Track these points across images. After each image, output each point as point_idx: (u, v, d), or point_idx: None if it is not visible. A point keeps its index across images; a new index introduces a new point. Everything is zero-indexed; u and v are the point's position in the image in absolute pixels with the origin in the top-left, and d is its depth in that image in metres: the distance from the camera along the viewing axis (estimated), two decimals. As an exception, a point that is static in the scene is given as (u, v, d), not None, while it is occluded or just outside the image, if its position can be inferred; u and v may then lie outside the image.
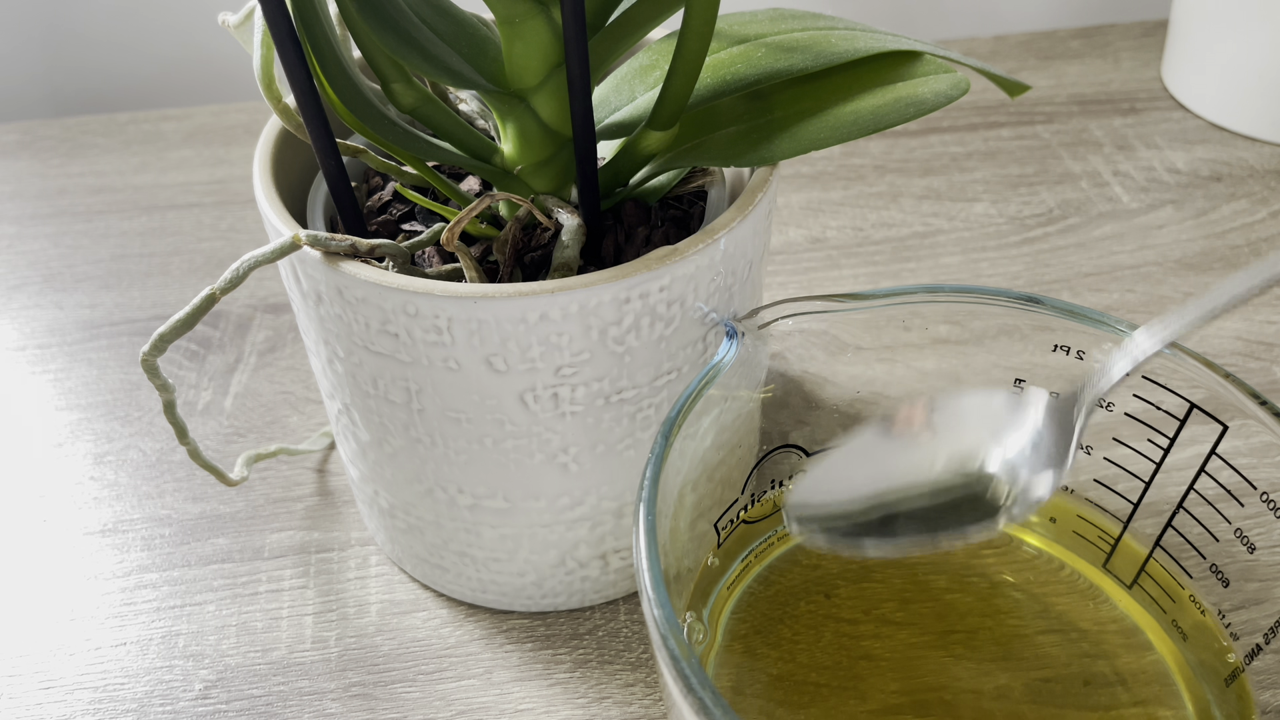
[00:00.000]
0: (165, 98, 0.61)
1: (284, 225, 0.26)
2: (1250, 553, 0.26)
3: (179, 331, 0.26)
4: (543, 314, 0.25)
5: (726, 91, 0.28)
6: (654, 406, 0.28)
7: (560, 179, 0.29)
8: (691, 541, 0.27)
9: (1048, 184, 0.50)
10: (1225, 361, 0.40)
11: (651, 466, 0.23)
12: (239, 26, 0.28)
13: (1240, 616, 0.26)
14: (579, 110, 0.25)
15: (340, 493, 0.37)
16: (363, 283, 0.25)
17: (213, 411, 0.40)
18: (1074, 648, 0.27)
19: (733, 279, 0.27)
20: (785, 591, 0.29)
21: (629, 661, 0.31)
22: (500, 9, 0.25)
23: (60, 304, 0.45)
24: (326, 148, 0.26)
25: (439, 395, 0.27)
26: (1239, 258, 0.45)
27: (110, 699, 0.31)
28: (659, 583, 0.21)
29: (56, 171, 0.53)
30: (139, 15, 0.59)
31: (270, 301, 0.44)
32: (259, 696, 0.31)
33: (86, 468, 0.38)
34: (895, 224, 0.48)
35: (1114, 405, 0.27)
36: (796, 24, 0.30)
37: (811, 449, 0.30)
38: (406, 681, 0.31)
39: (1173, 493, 0.27)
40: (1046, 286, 0.44)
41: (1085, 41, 0.60)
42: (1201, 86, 0.53)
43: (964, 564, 0.29)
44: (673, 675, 0.20)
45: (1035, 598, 0.29)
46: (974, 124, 0.54)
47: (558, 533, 0.30)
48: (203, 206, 0.50)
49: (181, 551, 0.35)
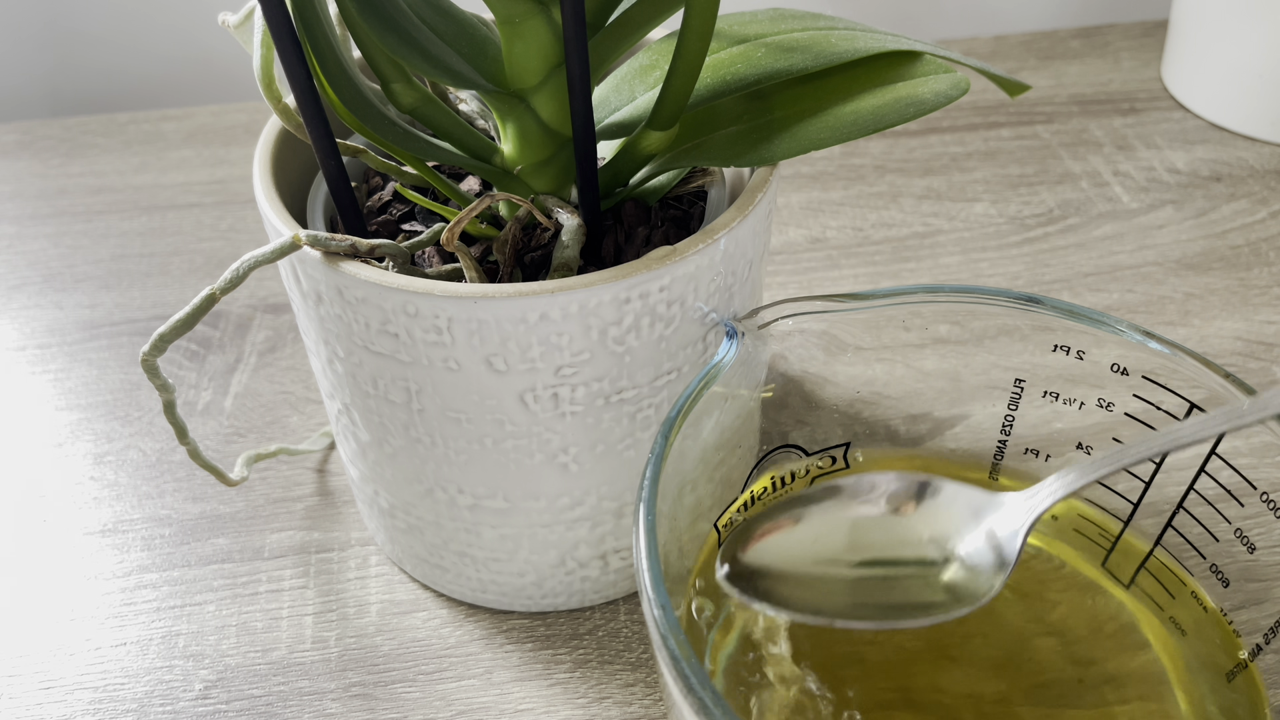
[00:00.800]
0: (165, 98, 0.61)
1: (284, 225, 0.26)
2: (1250, 553, 0.26)
3: (179, 331, 0.26)
4: (543, 314, 0.25)
5: (726, 91, 0.28)
6: (654, 406, 0.28)
7: (560, 179, 0.29)
8: (691, 541, 0.27)
9: (1048, 184, 0.50)
10: (1225, 361, 0.40)
11: (651, 466, 0.23)
12: (239, 26, 0.28)
13: (1240, 616, 0.26)
14: (579, 110, 0.25)
15: (340, 493, 0.37)
16: (363, 283, 0.25)
17: (213, 411, 0.40)
18: (1073, 647, 0.27)
19: (733, 279, 0.27)
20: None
21: (629, 661, 0.31)
22: (500, 9, 0.25)
23: (60, 304, 0.45)
24: (326, 148, 0.26)
25: (439, 395, 0.27)
26: (1239, 258, 0.45)
27: (110, 699, 0.31)
28: (659, 583, 0.21)
29: (56, 171, 0.53)
30: (139, 15, 0.59)
31: (270, 301, 0.44)
32: (259, 696, 0.31)
33: (86, 468, 0.38)
34: (895, 224, 0.48)
35: (1114, 405, 0.27)
36: (796, 24, 0.30)
37: (811, 449, 0.30)
38: (406, 681, 0.31)
39: (1173, 493, 0.27)
40: (1046, 286, 0.44)
41: (1085, 41, 0.60)
42: (1201, 86, 0.53)
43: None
44: (673, 675, 0.20)
45: (1034, 596, 0.29)
46: (974, 124, 0.54)
47: (558, 533, 0.30)
48: (203, 206, 0.50)
49: (181, 551, 0.35)
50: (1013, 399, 0.29)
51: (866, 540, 0.25)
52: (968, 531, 0.24)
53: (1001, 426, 0.30)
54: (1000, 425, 0.30)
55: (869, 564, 0.25)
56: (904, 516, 0.25)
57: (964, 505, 0.25)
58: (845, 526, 0.25)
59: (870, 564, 0.25)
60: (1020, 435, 0.29)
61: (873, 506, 0.25)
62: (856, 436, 0.30)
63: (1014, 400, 0.29)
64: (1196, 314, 0.43)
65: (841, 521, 0.25)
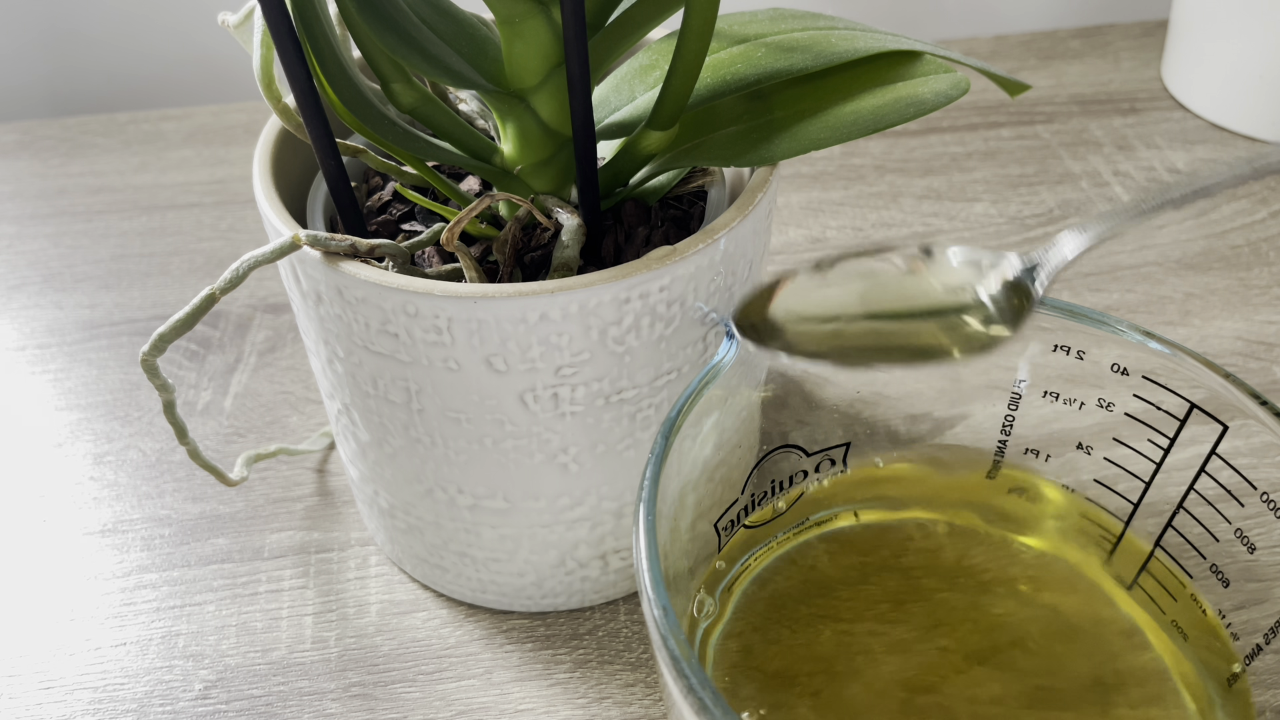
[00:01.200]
0: (165, 98, 0.61)
1: (284, 225, 0.26)
2: (1250, 553, 0.26)
3: (179, 331, 0.26)
4: (543, 314, 0.25)
5: (726, 91, 0.28)
6: (654, 406, 0.28)
7: (560, 179, 0.29)
8: (691, 542, 0.27)
9: (1048, 184, 0.50)
10: (1225, 361, 0.40)
11: (651, 466, 0.23)
12: (239, 26, 0.28)
13: (1240, 616, 0.26)
14: (579, 110, 0.25)
15: (340, 493, 0.37)
16: (363, 283, 0.25)
17: (213, 411, 0.40)
18: (1073, 648, 0.27)
19: (733, 279, 0.27)
20: (781, 594, 0.29)
21: (629, 661, 0.31)
22: (500, 9, 0.25)
23: (60, 304, 0.45)
24: (326, 148, 0.26)
25: (439, 395, 0.27)
26: (1239, 258, 0.45)
27: (110, 699, 0.31)
28: (659, 583, 0.21)
29: (56, 171, 0.53)
30: (139, 15, 0.59)
31: (270, 301, 0.44)
32: (259, 696, 0.31)
33: (86, 468, 0.38)
34: (895, 224, 0.48)
35: (1114, 405, 0.27)
36: (796, 24, 0.30)
37: (811, 449, 0.30)
38: (406, 681, 0.31)
39: (1173, 493, 0.27)
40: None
41: (1085, 41, 0.60)
42: (1201, 86, 0.53)
43: (963, 565, 0.29)
44: (673, 675, 0.20)
45: (1034, 599, 0.29)
46: (974, 124, 0.54)
47: (558, 533, 0.30)
48: (203, 206, 0.50)
49: (181, 551, 0.35)
50: (1013, 399, 0.29)
51: (881, 295, 0.25)
52: (985, 278, 0.24)
53: (1001, 426, 0.30)
54: (1000, 425, 0.30)
55: (886, 315, 0.24)
56: (919, 274, 0.25)
57: (981, 259, 0.25)
58: (857, 284, 0.25)
59: (887, 315, 0.24)
60: (1020, 435, 0.29)
61: (888, 265, 0.25)
62: (856, 436, 0.30)
63: (1014, 400, 0.29)
64: (1196, 314, 0.43)
65: (853, 280, 0.25)
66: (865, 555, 0.30)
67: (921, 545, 0.30)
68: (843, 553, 0.30)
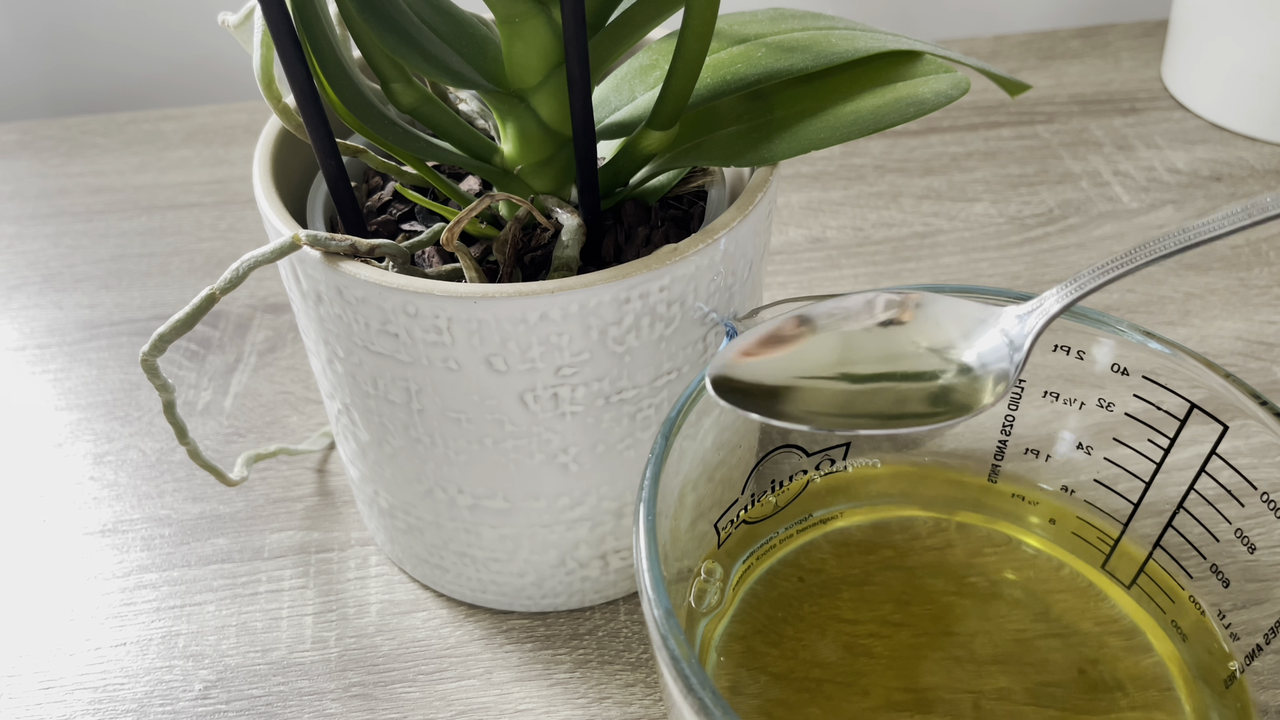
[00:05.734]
0: (165, 98, 0.61)
1: (284, 225, 0.26)
2: (1250, 553, 0.26)
3: (179, 331, 0.26)
4: (543, 314, 0.25)
5: (726, 91, 0.28)
6: (654, 406, 0.28)
7: (560, 179, 0.29)
8: (691, 542, 0.27)
9: (1048, 184, 0.50)
10: (1225, 361, 0.40)
11: (651, 466, 0.23)
12: (239, 26, 0.28)
13: (1240, 617, 0.26)
14: (579, 110, 0.25)
15: (340, 493, 0.37)
16: (363, 283, 0.25)
17: (213, 411, 0.40)
18: (1073, 649, 0.27)
19: (733, 279, 0.27)
20: (785, 595, 0.29)
21: (629, 661, 0.31)
22: (500, 9, 0.25)
23: (60, 304, 0.45)
24: (326, 148, 0.26)
25: (439, 395, 0.27)
26: (1239, 258, 0.45)
27: (110, 699, 0.31)
28: (659, 583, 0.21)
29: (56, 171, 0.53)
30: (139, 15, 0.59)
31: (270, 301, 0.44)
32: (259, 696, 0.31)
33: (86, 468, 0.38)
34: (895, 224, 0.48)
35: (1114, 405, 0.27)
36: (796, 24, 0.30)
37: (811, 449, 0.30)
38: (406, 682, 0.31)
39: (1173, 493, 0.27)
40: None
41: (1085, 41, 0.60)
42: (1201, 86, 0.53)
43: (964, 565, 0.29)
44: (673, 675, 0.20)
45: (1035, 599, 0.29)
46: (974, 124, 0.54)
47: (558, 533, 0.30)
48: (203, 206, 0.50)
49: (181, 551, 0.35)
50: (1013, 399, 0.29)
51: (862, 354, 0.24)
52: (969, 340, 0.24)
53: (1002, 426, 0.30)
54: (1000, 425, 0.30)
55: (865, 378, 0.24)
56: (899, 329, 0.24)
57: (964, 315, 0.24)
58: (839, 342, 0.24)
59: (867, 378, 0.24)
60: (1020, 435, 0.29)
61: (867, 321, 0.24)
62: (856, 436, 0.30)
63: (1014, 400, 0.29)
64: (1196, 314, 0.43)
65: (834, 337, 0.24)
66: (867, 555, 0.30)
67: (922, 545, 0.30)
68: (844, 553, 0.30)
